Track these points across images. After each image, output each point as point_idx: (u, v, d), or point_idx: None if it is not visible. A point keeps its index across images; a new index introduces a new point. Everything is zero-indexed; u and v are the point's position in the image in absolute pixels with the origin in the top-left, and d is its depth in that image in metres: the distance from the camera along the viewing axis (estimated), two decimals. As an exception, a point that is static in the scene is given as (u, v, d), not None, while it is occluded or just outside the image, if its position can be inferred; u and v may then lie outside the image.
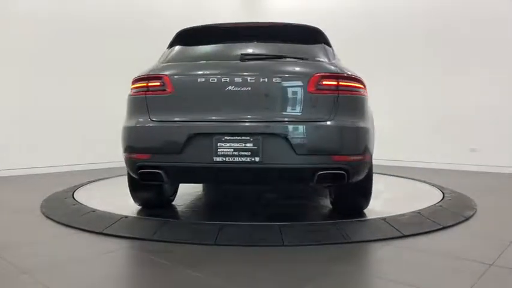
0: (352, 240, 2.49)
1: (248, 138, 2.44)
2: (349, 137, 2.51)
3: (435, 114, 6.76)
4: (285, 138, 2.42)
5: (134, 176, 2.77)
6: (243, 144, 2.44)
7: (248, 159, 2.43)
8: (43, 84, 5.82)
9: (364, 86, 2.74)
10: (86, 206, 3.34)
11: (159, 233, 2.60)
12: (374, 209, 3.33)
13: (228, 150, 2.45)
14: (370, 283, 1.89)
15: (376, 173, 5.54)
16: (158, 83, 2.66)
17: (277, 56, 2.78)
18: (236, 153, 2.44)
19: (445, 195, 3.78)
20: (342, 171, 2.46)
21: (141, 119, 2.66)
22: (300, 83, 2.53)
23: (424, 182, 4.74)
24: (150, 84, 2.68)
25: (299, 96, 2.51)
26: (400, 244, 2.47)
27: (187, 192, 4.02)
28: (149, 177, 2.67)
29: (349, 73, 2.66)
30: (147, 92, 2.68)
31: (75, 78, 6.08)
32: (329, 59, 2.83)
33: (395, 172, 5.67)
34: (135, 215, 3.11)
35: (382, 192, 4.08)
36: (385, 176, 5.44)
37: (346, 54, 4.72)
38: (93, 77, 6.27)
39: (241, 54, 2.73)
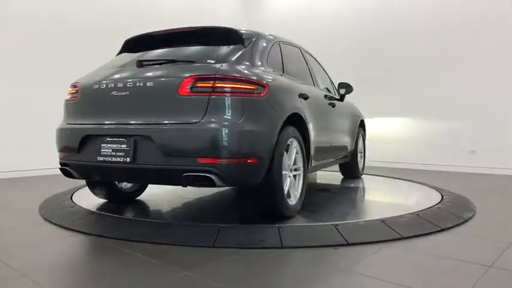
0: (351, 242, 2.48)
1: (123, 139, 2.61)
2: (218, 139, 2.43)
3: (435, 115, 6.76)
4: (153, 140, 2.51)
5: None
6: (119, 146, 2.62)
7: (122, 159, 2.60)
8: (43, 85, 5.82)
9: (258, 87, 2.61)
10: (84, 208, 3.34)
11: (158, 235, 2.59)
12: (373, 210, 3.33)
13: (108, 150, 2.66)
14: (369, 285, 1.89)
15: (374, 174, 5.60)
16: (74, 91, 3.01)
17: (169, 61, 2.83)
18: (114, 153, 2.63)
19: (444, 197, 3.78)
20: (208, 174, 2.43)
21: (62, 122, 3.10)
22: (171, 86, 2.55)
23: (423, 183, 4.73)
24: (70, 91, 3.06)
25: (169, 99, 2.54)
26: (398, 246, 2.47)
27: (184, 195, 4.01)
28: (65, 174, 3.02)
29: (232, 75, 2.56)
30: (67, 99, 3.07)
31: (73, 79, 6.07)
32: (227, 60, 2.74)
33: (394, 174, 5.68)
34: (132, 217, 3.10)
35: (380, 194, 4.08)
36: (383, 177, 5.45)
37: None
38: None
39: (139, 60, 2.85)
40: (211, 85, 2.48)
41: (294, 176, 3.07)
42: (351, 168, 5.20)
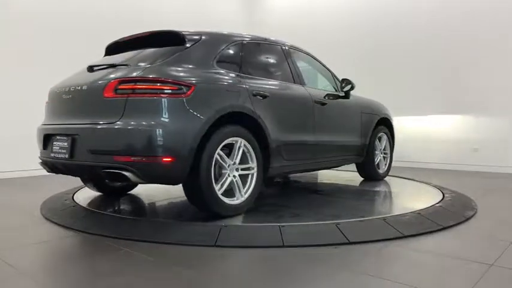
0: (352, 241, 2.48)
1: (65, 138, 2.89)
2: (131, 138, 2.56)
3: (436, 114, 6.76)
4: (82, 138, 2.77)
5: None
6: (63, 143, 2.91)
7: (63, 155, 2.88)
8: (44, 85, 5.82)
9: (180, 87, 2.65)
10: (85, 207, 3.34)
11: (160, 234, 2.60)
12: (374, 209, 3.33)
13: (56, 148, 2.96)
14: (370, 284, 1.89)
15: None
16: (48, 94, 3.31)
17: (110, 65, 2.99)
18: (60, 150, 2.93)
19: (445, 195, 3.78)
20: (122, 171, 2.55)
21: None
22: (99, 89, 2.72)
23: (424, 182, 4.73)
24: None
25: (97, 101, 2.73)
26: (400, 244, 2.46)
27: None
28: (44, 168, 3.28)
29: (151, 76, 2.64)
30: (46, 102, 3.37)
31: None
32: (157, 62, 2.82)
33: (395, 173, 5.67)
34: (133, 217, 3.10)
35: (382, 193, 4.07)
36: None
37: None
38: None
39: (89, 66, 3.05)
40: (131, 87, 2.62)
41: (245, 175, 3.06)
42: (366, 170, 4.84)
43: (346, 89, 4.27)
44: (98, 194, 3.94)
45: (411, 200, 3.92)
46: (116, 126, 2.58)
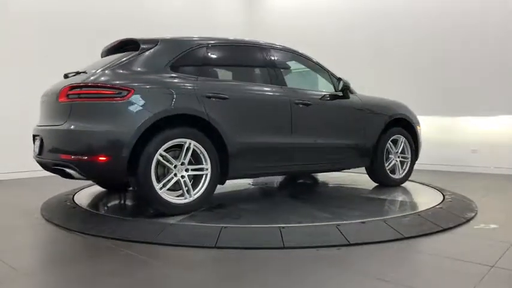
0: (352, 242, 2.48)
1: (38, 138, 3.24)
2: (70, 139, 2.89)
3: (436, 115, 6.75)
4: (43, 139, 3.14)
5: None
6: (37, 143, 3.24)
7: (37, 153, 3.23)
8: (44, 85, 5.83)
9: (119, 91, 2.84)
10: (86, 209, 3.34)
11: (161, 236, 2.60)
12: (374, 210, 3.32)
13: (36, 146, 3.28)
14: (371, 285, 1.89)
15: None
16: None
17: (76, 73, 3.23)
18: (36, 149, 3.27)
19: (446, 196, 3.77)
20: (64, 168, 2.92)
21: None
22: (56, 94, 3.02)
23: (424, 184, 4.72)
24: None
25: (54, 105, 3.07)
26: (400, 246, 2.46)
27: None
28: None
29: (93, 82, 2.89)
30: None
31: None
32: (107, 68, 3.04)
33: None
34: (133, 218, 3.10)
35: (382, 194, 4.07)
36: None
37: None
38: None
39: (64, 74, 3.29)
40: (77, 92, 2.89)
41: (199, 176, 3.12)
42: (376, 175, 4.41)
43: (340, 87, 4.02)
44: (98, 194, 3.94)
45: (411, 202, 3.92)
46: (61, 128, 2.90)
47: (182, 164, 3.03)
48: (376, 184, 4.50)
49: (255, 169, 3.52)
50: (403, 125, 4.53)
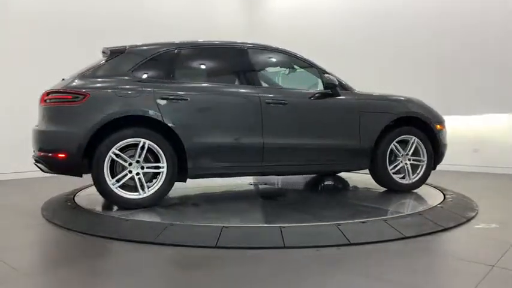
0: (353, 242, 2.48)
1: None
2: (37, 138, 3.33)
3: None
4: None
5: None
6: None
7: (33, 151, 3.50)
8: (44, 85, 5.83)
9: (75, 96, 3.18)
10: (86, 209, 3.34)
11: (162, 236, 2.60)
12: (375, 210, 3.32)
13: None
14: (371, 285, 1.89)
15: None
16: None
17: (63, 79, 3.54)
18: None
19: (446, 196, 3.77)
20: (37, 163, 3.34)
21: None
22: (40, 98, 3.39)
23: (425, 183, 4.71)
24: None
25: (39, 108, 3.43)
26: (401, 245, 2.46)
27: (187, 195, 4.01)
28: None
29: (57, 88, 3.29)
30: None
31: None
32: (77, 75, 3.39)
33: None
34: (135, 218, 3.10)
35: (382, 194, 4.07)
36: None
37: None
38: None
39: (62, 78, 3.57)
40: (50, 97, 3.29)
41: (157, 173, 3.31)
42: (379, 179, 4.09)
43: (326, 85, 3.76)
44: (98, 195, 3.94)
45: (412, 201, 3.91)
46: (37, 128, 3.35)
47: (137, 162, 3.25)
48: (370, 182, 4.26)
49: (219, 168, 3.50)
50: (416, 124, 4.11)
